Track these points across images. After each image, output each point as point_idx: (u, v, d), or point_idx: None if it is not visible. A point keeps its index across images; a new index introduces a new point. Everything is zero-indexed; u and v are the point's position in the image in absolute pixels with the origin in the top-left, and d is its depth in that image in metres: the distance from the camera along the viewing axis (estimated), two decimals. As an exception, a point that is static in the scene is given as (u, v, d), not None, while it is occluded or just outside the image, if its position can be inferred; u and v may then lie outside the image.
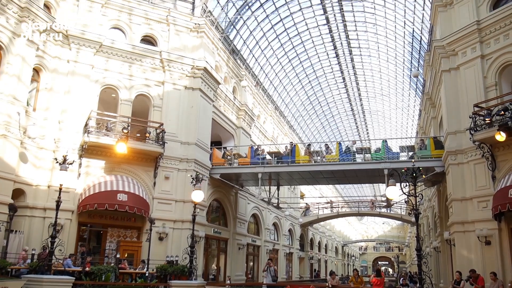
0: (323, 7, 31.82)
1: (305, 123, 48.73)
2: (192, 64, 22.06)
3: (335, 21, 33.76)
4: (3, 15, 16.38)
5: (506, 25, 16.83)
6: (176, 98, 21.63)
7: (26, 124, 16.95)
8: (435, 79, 21.58)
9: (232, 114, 27.99)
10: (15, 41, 16.76)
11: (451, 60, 18.90)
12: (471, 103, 17.01)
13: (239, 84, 29.20)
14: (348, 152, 22.17)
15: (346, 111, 51.10)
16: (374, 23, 33.08)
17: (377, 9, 31.22)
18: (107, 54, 20.38)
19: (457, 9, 19.15)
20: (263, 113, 35.20)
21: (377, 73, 41.19)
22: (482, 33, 17.69)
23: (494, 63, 17.21)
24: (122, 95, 20.56)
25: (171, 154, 20.54)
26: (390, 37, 33.46)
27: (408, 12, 28.30)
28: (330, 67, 40.58)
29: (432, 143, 20.69)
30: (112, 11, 21.26)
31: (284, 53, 35.67)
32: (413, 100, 39.43)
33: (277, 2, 29.89)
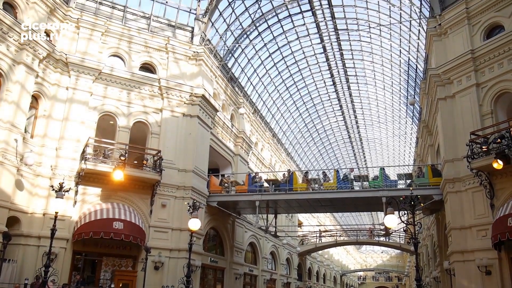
0: (320, 36, 32.29)
1: (303, 151, 48.75)
2: (190, 92, 22.20)
3: (332, 50, 34.21)
4: (3, 42, 16.55)
5: (500, 54, 17.07)
6: (174, 125, 21.68)
7: (23, 151, 16.89)
8: (431, 107, 21.73)
9: (230, 141, 28.02)
10: (15, 68, 16.89)
11: (447, 88, 19.08)
12: (467, 130, 17.08)
13: (237, 112, 29.32)
14: (346, 180, 22.10)
15: (343, 139, 51.21)
16: (370, 52, 33.53)
17: (373, 38, 31.71)
18: (106, 81, 20.52)
19: (452, 38, 19.45)
20: (260, 140, 35.26)
21: (374, 101, 41.50)
22: (476, 61, 17.92)
23: (490, 91, 17.38)
24: (120, 122, 20.59)
25: (168, 181, 20.44)
26: (386, 65, 33.87)
27: (403, 41, 28.73)
28: (327, 94, 40.88)
29: (430, 171, 20.67)
30: (112, 39, 21.51)
31: (282, 81, 35.98)
32: (410, 127, 39.63)
33: (275, 31, 30.35)
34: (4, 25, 16.47)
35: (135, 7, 23.05)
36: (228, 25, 26.90)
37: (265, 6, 27.92)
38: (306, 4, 28.91)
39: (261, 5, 27.61)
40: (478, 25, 18.54)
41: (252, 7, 27.36)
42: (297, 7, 29.13)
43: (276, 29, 30.25)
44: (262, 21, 28.87)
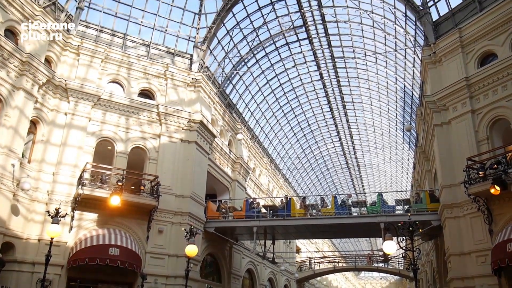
0: (317, 63, 32.75)
1: (300, 176, 48.74)
2: (188, 118, 22.35)
3: (328, 77, 34.64)
4: (4, 68, 16.75)
5: (494, 81, 17.33)
6: (171, 151, 21.73)
7: (20, 176, 16.86)
8: (427, 133, 21.89)
9: (228, 167, 28.04)
10: (14, 94, 17.04)
11: (443, 114, 19.27)
12: (464, 156, 17.17)
13: (234, 137, 29.44)
14: (344, 205, 22.04)
15: (341, 164, 51.29)
16: (367, 79, 33.95)
17: (369, 65, 32.16)
18: (104, 107, 20.67)
19: (446, 66, 19.76)
20: (258, 166, 35.29)
21: (371, 127, 41.78)
22: (471, 88, 18.16)
23: (485, 117, 17.56)
24: (118, 148, 20.64)
25: (166, 207, 20.35)
26: (383, 92, 34.25)
27: (399, 69, 29.15)
28: (324, 121, 41.16)
29: (428, 197, 20.66)
30: (111, 66, 21.77)
31: (279, 107, 36.29)
32: (407, 153, 39.77)
33: (273, 59, 30.81)
34: (5, 51, 16.70)
35: (135, 34, 23.47)
36: (226, 52, 27.31)
37: (262, 34, 28.50)
38: (303, 33, 29.46)
39: (259, 33, 28.15)
40: (472, 53, 18.87)
41: (250, 35, 27.89)
42: (294, 36, 29.68)
43: (274, 56, 30.76)
44: (259, 49, 29.35)
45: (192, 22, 24.75)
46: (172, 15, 24.17)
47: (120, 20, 23.11)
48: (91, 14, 22.26)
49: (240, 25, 26.92)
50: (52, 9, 20.03)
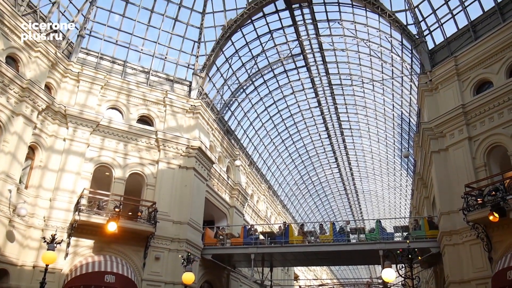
0: (315, 90, 33.08)
1: (298, 202, 48.54)
2: (187, 144, 22.41)
3: (326, 104, 34.92)
4: (4, 94, 16.88)
5: (490, 109, 17.51)
6: (169, 177, 21.70)
7: (16, 202, 16.77)
8: (425, 160, 21.95)
9: (226, 193, 27.95)
10: (13, 119, 17.12)
11: (440, 141, 19.38)
12: (462, 183, 17.18)
13: (232, 164, 29.46)
14: (342, 232, 21.90)
15: (339, 191, 51.17)
16: (364, 106, 34.23)
17: (366, 93, 32.48)
18: (103, 133, 20.75)
19: (443, 93, 19.99)
20: (256, 192, 35.18)
21: (369, 153, 41.88)
22: (467, 116, 18.33)
23: (482, 144, 17.67)
24: (116, 174, 20.61)
25: (163, 233, 20.19)
26: (380, 119, 34.47)
27: (396, 96, 29.44)
28: (322, 147, 41.28)
29: (426, 224, 20.56)
30: (111, 92, 21.96)
31: (278, 134, 36.45)
32: (405, 180, 39.75)
33: (271, 86, 31.14)
34: (5, 78, 16.87)
35: (135, 61, 23.77)
36: (225, 79, 27.61)
37: (261, 62, 28.87)
38: (301, 61, 29.87)
39: (257, 61, 28.52)
40: (468, 81, 19.13)
41: (249, 63, 28.25)
42: (292, 63, 30.07)
43: (272, 83, 31.11)
44: (258, 76, 29.69)
45: (191, 50, 25.13)
46: (172, 43, 24.58)
47: (121, 47, 23.47)
48: (92, 42, 22.65)
49: (239, 52, 27.32)
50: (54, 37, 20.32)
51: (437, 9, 20.99)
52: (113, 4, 22.72)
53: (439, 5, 20.85)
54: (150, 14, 23.80)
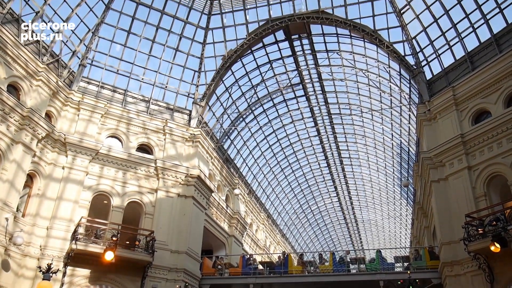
0: (314, 120, 33.29)
1: (298, 232, 48.11)
2: (186, 172, 22.37)
3: (325, 133, 35.08)
4: (4, 122, 16.95)
5: (489, 138, 17.56)
6: (168, 206, 21.55)
7: (13, 231, 16.59)
8: (425, 189, 21.87)
9: (224, 222, 27.73)
10: (13, 147, 17.13)
11: (439, 171, 19.36)
12: (462, 213, 17.05)
13: (232, 192, 29.34)
14: (342, 262, 21.62)
15: (338, 220, 50.81)
16: (363, 135, 34.37)
17: (365, 122, 32.67)
18: (102, 161, 20.74)
19: (441, 123, 20.09)
20: (255, 221, 34.90)
21: (368, 183, 41.77)
22: (466, 145, 18.36)
23: (482, 174, 17.63)
24: (114, 202, 20.49)
25: (160, 263, 19.90)
26: (379, 148, 34.55)
27: (395, 125, 29.59)
28: (321, 176, 41.22)
29: (427, 254, 20.31)
30: (111, 121, 22.06)
31: (277, 162, 36.46)
32: (405, 209, 39.53)
33: (270, 115, 31.37)
34: (6, 106, 16.97)
35: (135, 90, 24.00)
36: (224, 108, 27.83)
37: (260, 91, 29.17)
38: (300, 90, 30.18)
39: (257, 90, 28.83)
40: (466, 111, 19.25)
41: (248, 92, 28.56)
42: (292, 93, 30.38)
43: (272, 113, 31.35)
44: (258, 105, 29.94)
45: (192, 79, 25.40)
46: (173, 72, 24.86)
47: (122, 76, 23.73)
48: (93, 71, 22.94)
49: (239, 82, 27.63)
50: (55, 66, 20.60)
51: (434, 40, 21.34)
52: (115, 34, 23.15)
53: (436, 36, 21.24)
54: (152, 44, 24.19)
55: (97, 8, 21.97)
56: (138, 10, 23.33)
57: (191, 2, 24.30)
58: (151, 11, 23.66)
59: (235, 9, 25.03)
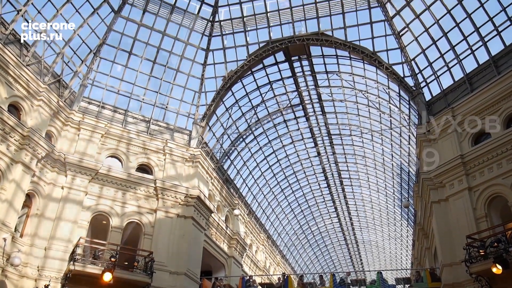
0: (314, 140, 33.36)
1: (298, 253, 47.68)
2: (185, 193, 22.29)
3: (325, 154, 35.09)
4: (4, 142, 16.97)
5: (489, 159, 17.56)
6: (167, 226, 21.41)
7: (10, 251, 16.46)
8: (425, 210, 21.77)
9: (224, 243, 27.51)
10: (12, 167, 17.11)
11: (440, 191, 19.30)
12: (463, 234, 16.94)
13: (231, 213, 29.19)
14: (343, 284, 21.35)
15: (339, 241, 50.42)
16: (363, 156, 34.37)
17: (365, 143, 32.72)
18: (102, 181, 20.69)
19: (441, 143, 20.12)
20: (255, 242, 34.62)
21: (368, 203, 41.60)
22: (467, 166, 18.35)
23: (482, 194, 17.58)
24: (113, 222, 20.37)
25: (159, 284, 19.62)
26: (379, 168, 34.51)
27: (395, 146, 29.62)
28: (322, 196, 41.07)
29: (428, 275, 20.06)
30: (111, 141, 22.09)
31: (277, 183, 36.37)
32: (405, 230, 39.28)
33: (270, 135, 31.44)
34: (7, 126, 17.02)
35: (136, 111, 24.10)
36: (225, 129, 27.91)
37: (261, 112, 29.31)
38: (300, 111, 30.33)
39: (257, 111, 28.96)
40: (466, 132, 19.29)
41: (249, 113, 28.69)
42: (292, 113, 30.50)
43: (272, 133, 31.42)
44: (258, 126, 30.03)
45: (192, 99, 25.53)
46: (173, 93, 25.01)
47: (122, 96, 23.87)
48: (94, 91, 23.09)
49: (239, 102, 27.78)
50: (56, 86, 20.74)
51: (433, 62, 21.55)
52: (116, 55, 23.36)
53: (435, 58, 21.45)
54: (152, 65, 24.39)
55: (99, 29, 22.27)
56: (139, 31, 23.62)
57: (192, 24, 24.60)
58: (153, 32, 23.94)
59: (235, 31, 25.31)
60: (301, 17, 24.32)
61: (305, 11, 24.06)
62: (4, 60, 17.41)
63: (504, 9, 18.55)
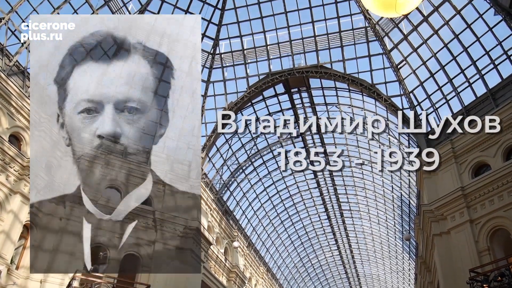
0: (314, 172, 33.27)
1: (298, 286, 46.83)
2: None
3: (325, 185, 35.00)
4: (4, 172, 16.92)
5: (490, 192, 17.46)
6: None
7: (5, 284, 16.15)
8: (427, 243, 21.51)
9: (223, 276, 27.05)
10: (11, 198, 17.00)
11: (441, 224, 19.11)
12: (466, 267, 16.66)
13: (230, 245, 28.83)
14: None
15: (340, 274, 49.61)
16: (363, 188, 34.24)
17: (365, 174, 32.67)
18: (100, 212, 20.52)
19: (441, 175, 20.05)
20: (254, 275, 34.04)
21: (369, 236, 41.15)
22: (467, 198, 18.23)
23: (484, 227, 17.40)
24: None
25: (156, 319, 19.26)
26: (380, 200, 34.33)
27: (395, 178, 29.56)
28: (322, 228, 40.69)
29: (432, 311, 19.71)
30: (110, 171, 22.02)
31: (276, 215, 36.10)
32: (407, 263, 38.72)
33: (270, 166, 31.45)
34: (7, 156, 17.00)
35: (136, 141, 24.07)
36: (224, 160, 27.92)
37: (260, 143, 29.38)
38: (299, 142, 30.36)
39: (257, 142, 29.04)
40: (466, 164, 19.27)
41: (248, 144, 28.75)
42: (291, 145, 30.53)
43: (271, 164, 31.46)
44: (257, 157, 30.05)
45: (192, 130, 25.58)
46: (173, 123, 25.09)
47: (123, 127, 23.91)
48: (95, 122, 23.07)
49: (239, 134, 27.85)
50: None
51: (431, 94, 21.77)
52: (118, 86, 23.54)
53: (433, 90, 21.68)
54: (153, 96, 24.53)
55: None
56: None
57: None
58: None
59: (236, 63, 25.67)
60: (300, 50, 24.73)
61: (304, 44, 24.49)
62: (7, 91, 17.56)
63: (500, 43, 18.89)
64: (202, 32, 24.29)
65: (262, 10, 24.01)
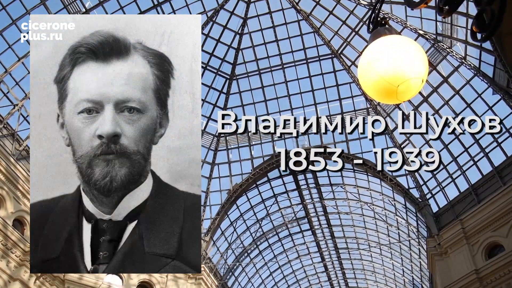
0: (321, 254, 32.41)
1: None
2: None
3: (333, 269, 33.87)
4: (5, 258, 16.49)
5: (506, 274, 16.76)
6: None
7: None
8: (444, 331, 20.32)
9: None
10: (10, 284, 16.43)
11: (457, 309, 18.19)
12: None
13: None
14: None
15: None
16: (373, 271, 33.10)
17: (374, 257, 31.71)
18: (101, 300, 19.73)
19: (453, 257, 19.41)
20: None
21: (382, 324, 39.03)
22: (483, 282, 17.46)
23: (503, 312, 16.53)
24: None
25: None
26: (390, 284, 33.03)
27: (405, 260, 28.66)
28: (331, 316, 38.73)
29: None
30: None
31: (283, 301, 34.58)
32: None
33: (276, 250, 30.67)
34: (9, 241, 16.67)
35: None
36: (229, 243, 27.31)
37: (265, 225, 28.91)
38: (305, 224, 29.91)
39: (262, 224, 28.58)
40: (478, 244, 18.70)
41: (253, 226, 28.28)
42: (297, 227, 30.04)
43: (277, 247, 30.69)
44: (263, 240, 29.42)
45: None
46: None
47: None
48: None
49: (244, 216, 27.53)
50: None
51: (437, 173, 21.67)
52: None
53: (439, 169, 21.63)
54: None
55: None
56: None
57: (198, 139, 25.35)
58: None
59: (240, 145, 25.99)
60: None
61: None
62: (14, 175, 17.64)
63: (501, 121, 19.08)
64: (207, 115, 24.82)
65: (266, 93, 24.81)
